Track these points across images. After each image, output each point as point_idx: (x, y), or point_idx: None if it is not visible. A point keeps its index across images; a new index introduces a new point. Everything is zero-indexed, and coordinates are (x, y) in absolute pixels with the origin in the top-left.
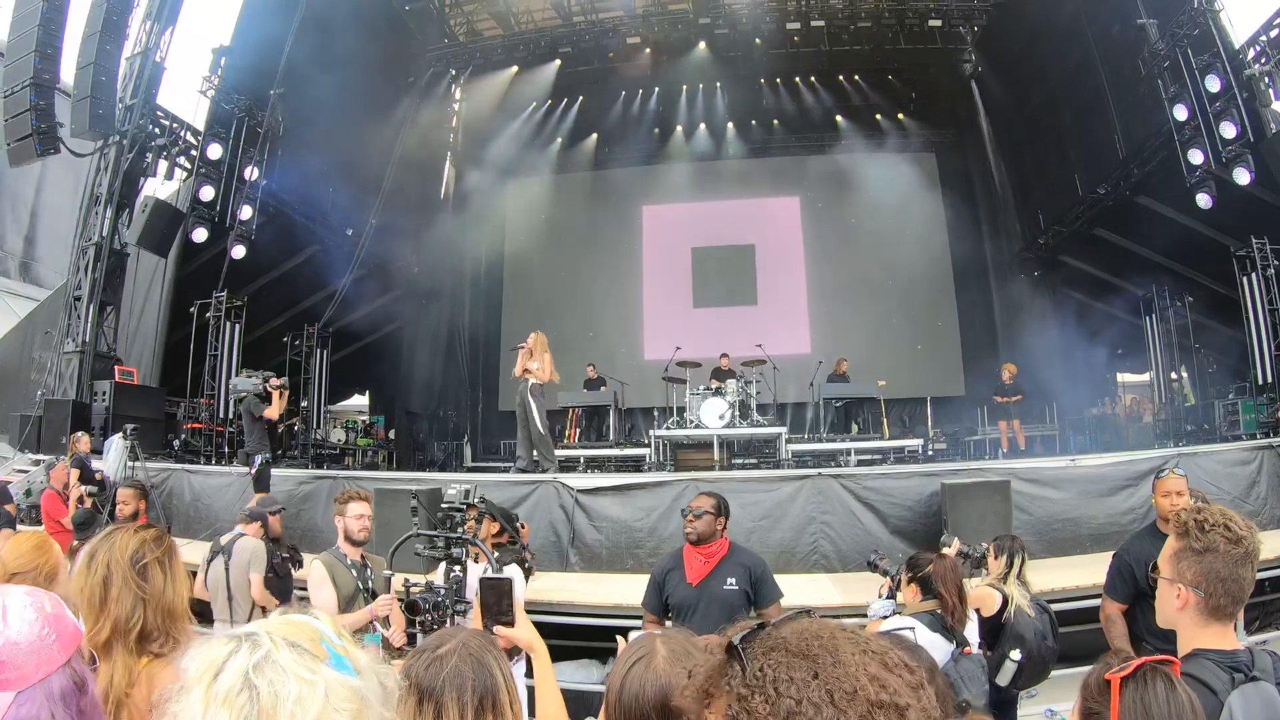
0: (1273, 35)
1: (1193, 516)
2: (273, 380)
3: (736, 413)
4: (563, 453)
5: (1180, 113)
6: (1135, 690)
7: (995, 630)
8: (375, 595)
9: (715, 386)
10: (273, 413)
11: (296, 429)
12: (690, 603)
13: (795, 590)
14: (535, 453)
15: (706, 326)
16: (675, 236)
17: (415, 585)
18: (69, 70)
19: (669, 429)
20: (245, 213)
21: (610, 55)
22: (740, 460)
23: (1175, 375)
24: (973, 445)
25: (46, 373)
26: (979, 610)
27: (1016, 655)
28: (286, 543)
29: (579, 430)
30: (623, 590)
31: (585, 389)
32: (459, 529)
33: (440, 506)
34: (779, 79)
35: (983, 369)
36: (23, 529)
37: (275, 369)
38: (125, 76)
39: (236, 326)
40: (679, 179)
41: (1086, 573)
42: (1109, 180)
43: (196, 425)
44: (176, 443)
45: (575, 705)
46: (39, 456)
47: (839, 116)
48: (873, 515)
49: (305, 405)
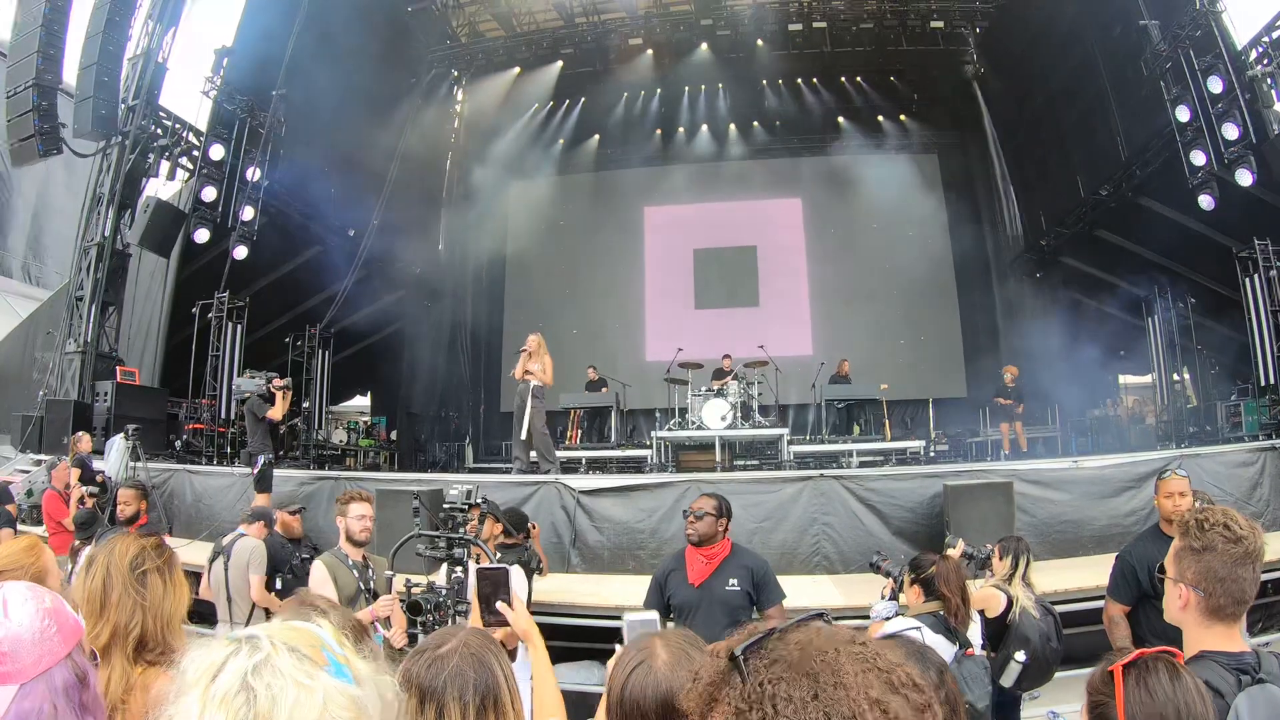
0: (1275, 36)
1: (1194, 516)
2: (276, 381)
3: (738, 414)
4: (564, 454)
5: (1182, 114)
6: (1138, 676)
7: (1000, 631)
8: (377, 596)
9: (717, 388)
10: (276, 413)
11: (299, 429)
12: (692, 603)
13: (797, 591)
14: (534, 454)
15: (708, 328)
16: (677, 237)
17: (417, 586)
18: (71, 71)
19: (671, 430)
20: (247, 213)
21: (612, 56)
22: (742, 461)
23: (1178, 377)
24: (975, 447)
25: (48, 373)
26: (983, 611)
27: (1021, 656)
28: (309, 543)
29: (580, 432)
30: (624, 591)
31: (587, 390)
32: (461, 530)
33: (442, 507)
34: (781, 80)
35: (984, 370)
36: (23, 529)
37: (277, 370)
38: (127, 77)
39: (238, 327)
40: (681, 180)
41: (1089, 574)
42: (1111, 181)
43: (198, 426)
44: (178, 443)
45: (576, 706)
46: (40, 457)
47: (841, 118)
48: (875, 517)
49: (307, 406)
